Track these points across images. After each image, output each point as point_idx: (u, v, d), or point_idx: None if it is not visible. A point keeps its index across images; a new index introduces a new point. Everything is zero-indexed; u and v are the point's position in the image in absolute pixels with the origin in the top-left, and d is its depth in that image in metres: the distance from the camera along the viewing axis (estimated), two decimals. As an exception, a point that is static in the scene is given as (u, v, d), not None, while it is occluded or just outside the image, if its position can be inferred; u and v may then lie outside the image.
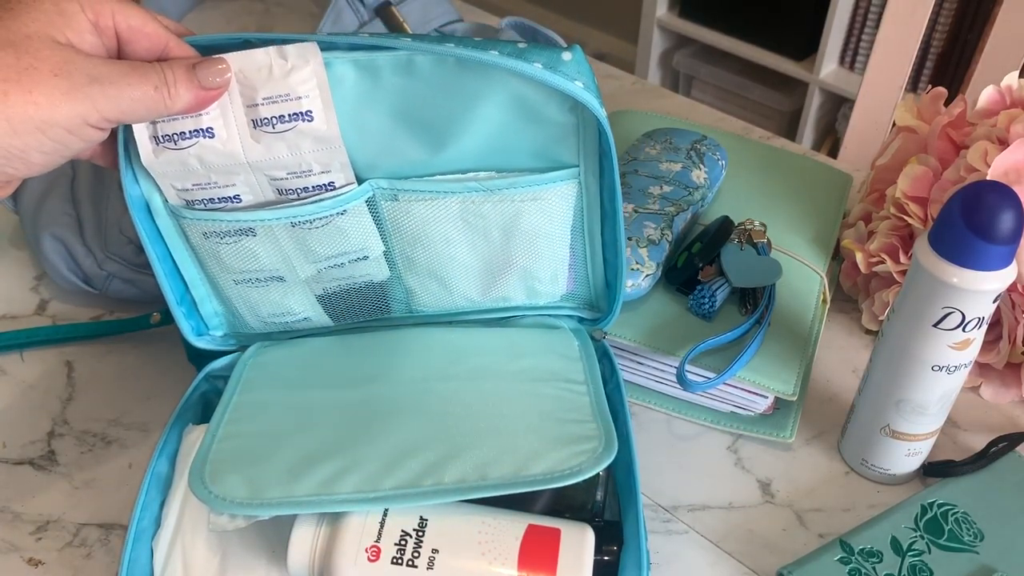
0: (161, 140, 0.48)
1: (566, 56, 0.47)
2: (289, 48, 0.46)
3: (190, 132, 0.48)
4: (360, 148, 0.51)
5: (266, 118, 0.48)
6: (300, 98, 0.47)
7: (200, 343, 0.58)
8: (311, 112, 0.48)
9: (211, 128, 0.48)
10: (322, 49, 0.47)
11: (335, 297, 0.57)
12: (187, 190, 0.50)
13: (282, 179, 0.50)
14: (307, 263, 0.54)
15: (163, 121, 0.48)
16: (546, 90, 0.48)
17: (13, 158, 0.42)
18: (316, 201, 0.51)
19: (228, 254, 0.53)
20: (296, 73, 0.47)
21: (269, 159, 0.49)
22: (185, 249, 0.54)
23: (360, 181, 0.52)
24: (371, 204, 0.53)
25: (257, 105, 0.47)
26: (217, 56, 0.46)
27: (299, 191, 0.50)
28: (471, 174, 0.52)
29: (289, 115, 0.47)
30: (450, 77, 0.48)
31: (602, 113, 0.48)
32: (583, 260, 0.58)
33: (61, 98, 0.41)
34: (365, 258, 0.55)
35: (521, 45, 0.47)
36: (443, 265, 0.56)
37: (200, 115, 0.47)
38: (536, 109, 0.49)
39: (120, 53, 0.46)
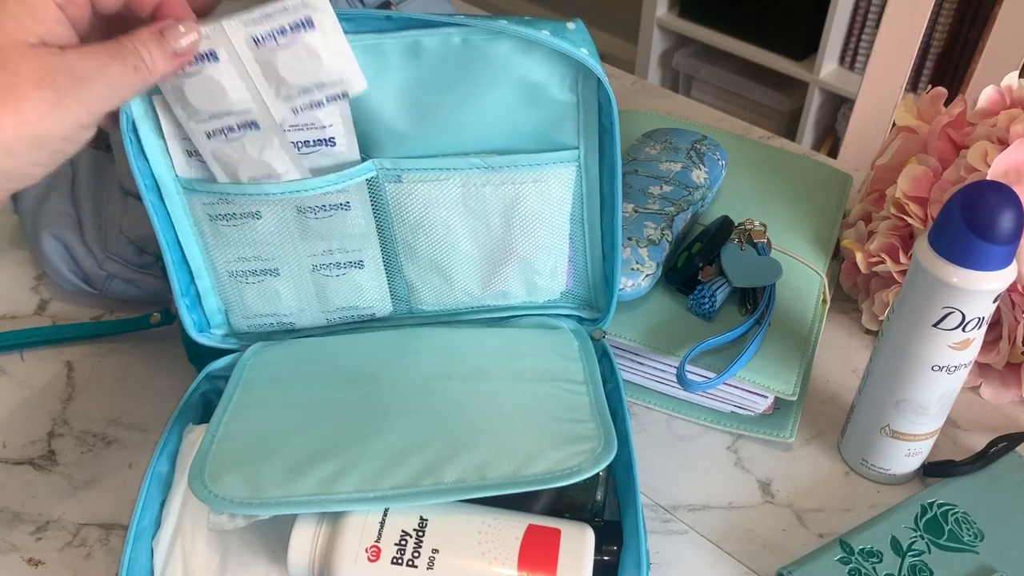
0: (194, 155, 0.51)
1: (570, 26, 0.49)
2: None
3: None
4: (365, 130, 0.52)
5: (292, 142, 0.51)
6: (324, 127, 0.50)
7: (201, 339, 0.58)
8: (334, 139, 0.51)
9: None
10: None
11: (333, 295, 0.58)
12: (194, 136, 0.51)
13: (286, 131, 0.51)
14: (307, 254, 0.55)
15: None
16: (548, 69, 0.50)
17: (11, 177, 0.41)
18: (321, 175, 0.52)
19: (233, 235, 0.54)
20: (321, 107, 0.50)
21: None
22: (192, 233, 0.55)
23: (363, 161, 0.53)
24: (375, 187, 0.54)
25: (284, 131, 0.50)
26: (182, 21, 0.45)
27: (300, 144, 0.51)
28: (472, 156, 0.53)
29: (314, 141, 0.51)
30: (455, 59, 0.49)
31: (606, 80, 0.49)
32: (582, 253, 0.58)
33: (50, 111, 0.40)
34: (360, 250, 0.56)
35: (527, 18, 0.49)
36: (444, 254, 0.56)
37: None
38: (538, 89, 0.51)
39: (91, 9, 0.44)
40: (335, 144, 0.51)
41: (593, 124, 0.53)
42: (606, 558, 0.48)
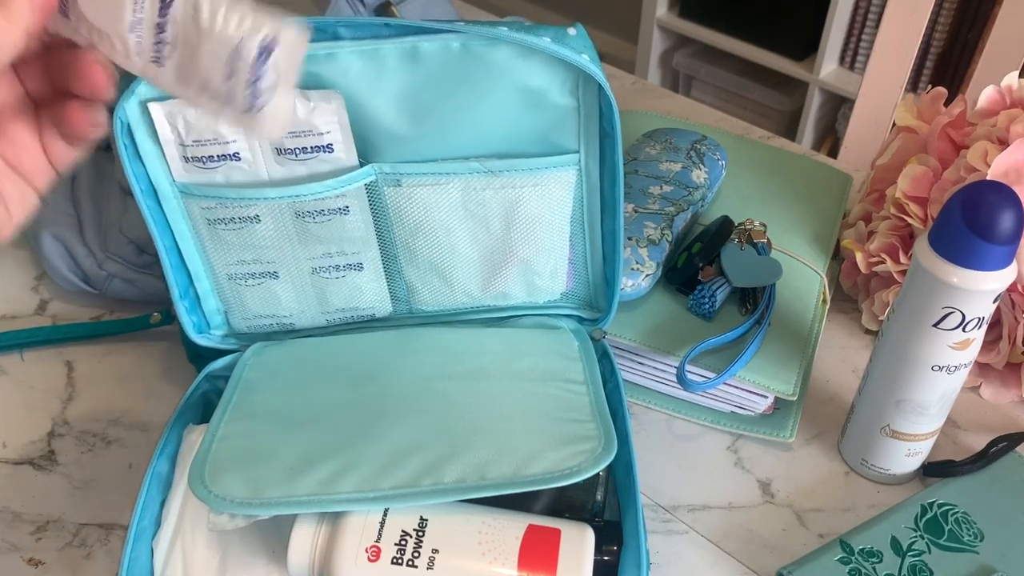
0: (190, 160, 0.51)
1: (571, 31, 0.49)
2: (312, 92, 0.49)
3: (218, 156, 0.51)
4: (364, 134, 0.52)
5: (289, 149, 0.51)
6: (322, 133, 0.50)
7: (201, 340, 0.58)
8: (331, 145, 0.51)
9: (238, 153, 0.51)
10: (327, 39, 0.48)
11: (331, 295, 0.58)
12: (189, 145, 0.51)
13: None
14: (306, 257, 0.55)
15: (192, 145, 0.50)
16: (548, 74, 0.50)
17: None
18: (320, 180, 0.52)
19: (231, 239, 0.54)
20: (318, 113, 0.50)
21: (291, 178, 0.53)
22: (190, 237, 0.55)
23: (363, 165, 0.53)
24: (374, 191, 0.54)
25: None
26: None
27: (297, 151, 0.51)
28: (472, 160, 0.53)
29: (311, 147, 0.51)
30: (454, 65, 0.49)
31: (607, 86, 0.49)
32: (582, 255, 0.58)
33: None
34: (360, 253, 0.56)
35: (528, 23, 0.49)
36: (444, 257, 0.56)
37: (227, 142, 0.50)
38: (538, 94, 0.50)
39: None
40: (333, 150, 0.51)
41: (594, 127, 0.52)
42: (606, 558, 0.48)
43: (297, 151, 0.51)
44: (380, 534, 0.45)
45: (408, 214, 0.55)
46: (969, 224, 0.48)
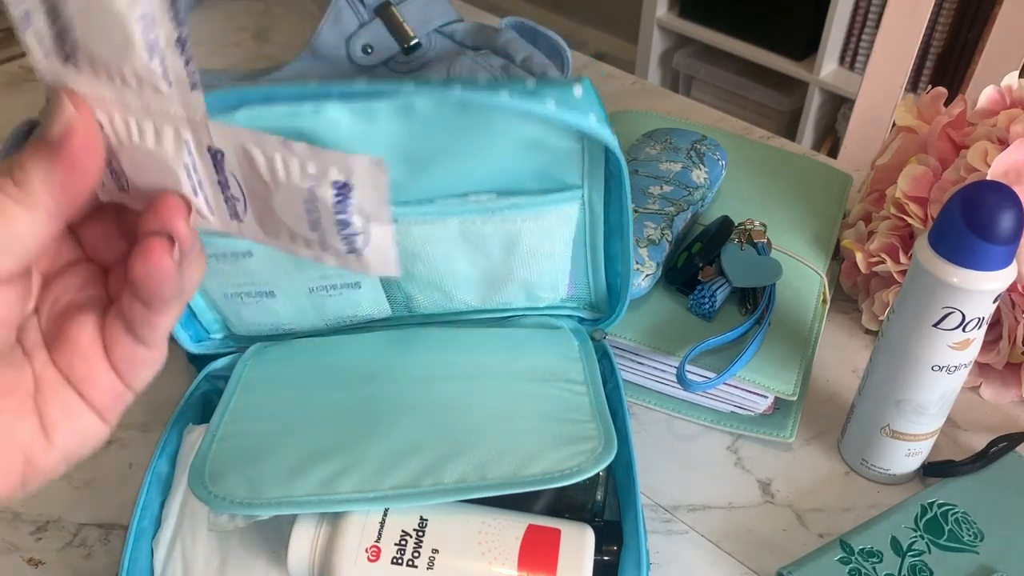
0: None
1: (577, 91, 0.45)
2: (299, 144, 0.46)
3: None
4: None
5: None
6: None
7: (198, 349, 0.58)
8: None
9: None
10: (315, 99, 0.44)
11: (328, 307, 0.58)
12: None
13: None
14: (302, 279, 0.55)
15: None
16: (551, 123, 0.47)
17: None
18: None
19: (225, 269, 0.53)
20: None
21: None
22: None
23: None
24: None
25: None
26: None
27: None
28: (471, 196, 0.51)
29: None
30: (450, 116, 0.46)
31: (615, 145, 0.47)
32: (584, 269, 0.58)
33: None
34: (358, 283, 0.55)
35: (531, 84, 0.45)
36: (443, 278, 0.56)
37: None
38: (540, 140, 0.48)
39: None
40: None
41: (599, 163, 0.50)
42: (606, 558, 0.48)
43: None
44: (380, 534, 0.45)
45: (405, 246, 0.53)
46: (969, 224, 0.48)
